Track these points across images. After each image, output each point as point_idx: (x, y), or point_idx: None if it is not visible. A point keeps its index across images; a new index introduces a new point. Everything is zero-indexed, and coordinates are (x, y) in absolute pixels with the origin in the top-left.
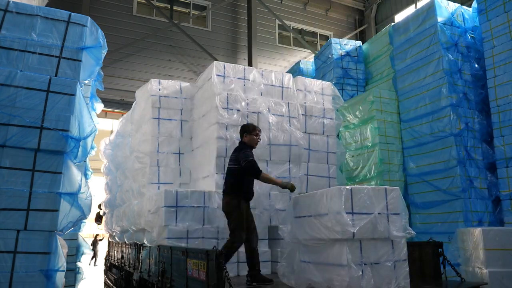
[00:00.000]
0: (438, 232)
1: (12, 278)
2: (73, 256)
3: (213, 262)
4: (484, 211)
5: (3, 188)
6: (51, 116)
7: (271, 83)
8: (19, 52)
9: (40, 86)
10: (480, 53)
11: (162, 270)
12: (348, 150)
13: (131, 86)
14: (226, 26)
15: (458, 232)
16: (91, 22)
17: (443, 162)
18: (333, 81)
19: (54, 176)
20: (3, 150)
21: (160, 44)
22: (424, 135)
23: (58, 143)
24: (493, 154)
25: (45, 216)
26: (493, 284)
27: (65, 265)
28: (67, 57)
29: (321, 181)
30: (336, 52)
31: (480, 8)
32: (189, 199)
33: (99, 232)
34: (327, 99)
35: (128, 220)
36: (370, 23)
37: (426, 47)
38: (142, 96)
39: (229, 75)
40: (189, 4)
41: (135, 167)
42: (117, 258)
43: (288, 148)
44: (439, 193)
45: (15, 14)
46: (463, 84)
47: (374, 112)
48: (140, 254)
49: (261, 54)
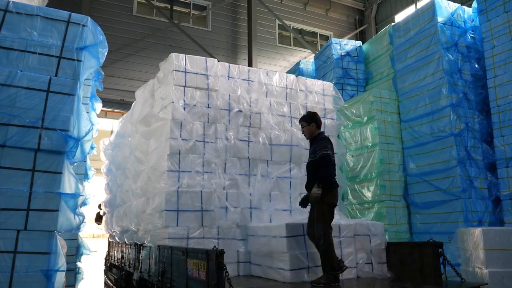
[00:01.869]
0: (438, 232)
1: (12, 278)
2: (73, 256)
3: (213, 262)
4: (484, 211)
5: (3, 188)
6: (51, 116)
7: (275, 84)
8: (19, 52)
9: (40, 86)
10: (480, 53)
11: (162, 270)
12: (348, 150)
13: (131, 86)
14: (226, 26)
15: (458, 232)
16: (91, 22)
17: (443, 162)
18: (333, 81)
19: (54, 176)
20: (3, 150)
21: (160, 44)
22: (424, 135)
23: (58, 143)
24: (493, 154)
25: (45, 216)
26: (493, 284)
27: (65, 265)
28: (67, 57)
29: None
30: (336, 52)
31: (480, 8)
32: (190, 199)
33: (99, 232)
34: (328, 99)
35: (128, 220)
36: (370, 23)
37: (426, 47)
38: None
39: (220, 73)
40: (189, 4)
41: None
42: (117, 258)
43: (289, 148)
44: (439, 193)
45: (15, 14)
46: (463, 84)
47: (374, 112)
48: (140, 254)
49: (261, 54)
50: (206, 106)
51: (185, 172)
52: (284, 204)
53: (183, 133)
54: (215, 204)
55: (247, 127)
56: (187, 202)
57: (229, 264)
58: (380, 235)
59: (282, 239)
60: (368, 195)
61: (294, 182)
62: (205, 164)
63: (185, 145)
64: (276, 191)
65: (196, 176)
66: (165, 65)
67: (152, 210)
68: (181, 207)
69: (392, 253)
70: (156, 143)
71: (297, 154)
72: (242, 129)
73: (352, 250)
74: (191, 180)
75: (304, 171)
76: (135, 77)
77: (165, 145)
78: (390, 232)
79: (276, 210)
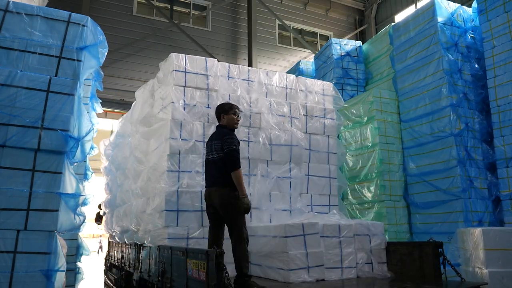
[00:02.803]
0: (438, 232)
1: (12, 278)
2: (73, 256)
3: (213, 262)
4: (484, 211)
5: (3, 188)
6: (51, 116)
7: (275, 84)
8: (19, 52)
9: (40, 86)
10: (480, 53)
11: (162, 270)
12: (348, 150)
13: (131, 86)
14: (226, 26)
15: (458, 232)
16: (91, 22)
17: (443, 162)
18: (333, 81)
19: (54, 176)
20: (3, 150)
21: (160, 44)
22: (424, 135)
23: (58, 143)
24: (493, 154)
25: (45, 216)
26: (493, 284)
27: (65, 265)
28: (67, 57)
29: (321, 181)
30: (336, 52)
31: (480, 8)
32: (190, 199)
33: (99, 232)
34: (328, 99)
35: (128, 220)
36: (370, 23)
37: (426, 47)
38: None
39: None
40: (189, 4)
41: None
42: (117, 258)
43: (289, 148)
44: (439, 193)
45: (15, 14)
46: (463, 84)
47: (374, 112)
48: (140, 254)
49: (261, 54)
50: (206, 106)
51: (185, 172)
52: (284, 204)
53: (183, 133)
54: None
55: (247, 127)
56: (187, 202)
57: (229, 264)
58: (380, 235)
59: (282, 239)
60: (368, 195)
61: (294, 182)
62: None
63: (185, 145)
64: (276, 191)
65: (196, 176)
66: (165, 65)
67: (152, 210)
68: (181, 207)
69: (392, 253)
70: (156, 143)
71: (297, 154)
72: (242, 129)
73: (352, 250)
74: (191, 180)
75: (305, 171)
76: (135, 77)
77: (165, 145)
78: (390, 232)
79: (276, 210)
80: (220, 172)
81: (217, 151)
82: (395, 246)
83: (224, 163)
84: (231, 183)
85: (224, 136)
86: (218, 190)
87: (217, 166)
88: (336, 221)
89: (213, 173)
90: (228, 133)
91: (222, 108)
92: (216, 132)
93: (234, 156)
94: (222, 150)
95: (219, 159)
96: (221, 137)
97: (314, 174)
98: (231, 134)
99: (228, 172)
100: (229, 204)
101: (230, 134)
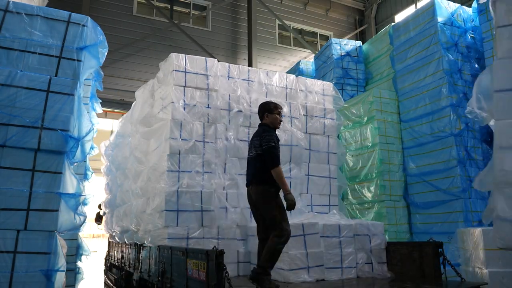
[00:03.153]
0: (438, 232)
1: (12, 278)
2: (73, 256)
3: (213, 262)
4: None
5: (3, 188)
6: (51, 116)
7: (275, 84)
8: (19, 52)
9: (40, 86)
10: (480, 53)
11: (162, 270)
12: (348, 150)
13: (131, 86)
14: (226, 26)
15: (458, 232)
16: (91, 22)
17: (443, 162)
18: (333, 81)
19: (54, 176)
20: (3, 150)
21: (160, 44)
22: (424, 135)
23: (58, 143)
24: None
25: (45, 216)
26: (493, 284)
27: (65, 265)
28: (67, 57)
29: (321, 181)
30: (336, 52)
31: (480, 8)
32: (190, 199)
33: (99, 232)
34: (328, 99)
35: (128, 220)
36: (370, 23)
37: (426, 47)
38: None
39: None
40: (189, 4)
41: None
42: (117, 258)
43: (289, 148)
44: (439, 193)
45: (15, 14)
46: (463, 84)
47: (374, 112)
48: (140, 254)
49: (261, 54)
50: (206, 106)
51: (185, 172)
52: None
53: (183, 133)
54: (215, 204)
55: (247, 127)
56: (187, 202)
57: (229, 264)
58: (380, 235)
59: None
60: (368, 195)
61: (294, 182)
62: (205, 164)
63: (185, 145)
64: None
65: (196, 176)
66: (165, 65)
67: (152, 210)
68: (181, 207)
69: (392, 253)
70: (156, 143)
71: (297, 154)
72: (242, 129)
73: (352, 250)
74: (191, 180)
75: (305, 171)
76: (135, 77)
77: (165, 145)
78: (390, 232)
79: None
80: (256, 169)
81: (255, 148)
82: (395, 246)
83: (261, 160)
84: (268, 180)
85: (263, 133)
86: (255, 188)
87: (254, 163)
88: (336, 221)
89: (250, 171)
90: (267, 130)
91: (267, 106)
92: (257, 130)
93: (273, 153)
94: (260, 147)
95: (256, 155)
96: (260, 134)
97: (314, 174)
98: (270, 131)
99: (265, 169)
100: (265, 201)
101: (269, 131)
